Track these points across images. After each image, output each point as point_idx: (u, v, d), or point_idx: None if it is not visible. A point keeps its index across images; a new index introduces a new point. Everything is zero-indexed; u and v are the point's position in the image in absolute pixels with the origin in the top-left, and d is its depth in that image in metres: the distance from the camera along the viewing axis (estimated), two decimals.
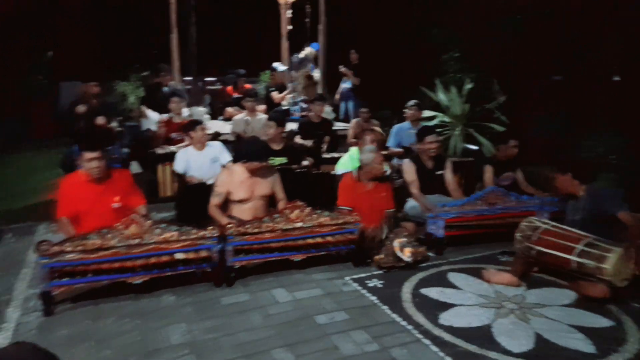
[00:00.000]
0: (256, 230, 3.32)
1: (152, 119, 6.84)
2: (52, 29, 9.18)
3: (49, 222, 4.59)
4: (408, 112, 6.11)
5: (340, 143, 6.94)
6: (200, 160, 4.78)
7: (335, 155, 6.08)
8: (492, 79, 7.94)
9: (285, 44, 9.32)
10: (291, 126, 7.04)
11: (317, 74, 8.35)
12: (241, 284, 3.36)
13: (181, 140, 5.76)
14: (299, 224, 3.45)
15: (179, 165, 4.73)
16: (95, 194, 3.44)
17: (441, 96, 7.67)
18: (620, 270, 3.05)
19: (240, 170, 3.80)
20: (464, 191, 4.77)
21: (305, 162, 5.32)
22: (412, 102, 6.17)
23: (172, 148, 5.46)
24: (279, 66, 8.30)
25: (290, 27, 8.82)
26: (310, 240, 3.49)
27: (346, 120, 8.33)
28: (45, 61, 8.99)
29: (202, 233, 3.14)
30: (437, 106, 7.32)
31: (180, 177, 4.74)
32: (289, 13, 8.69)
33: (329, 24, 7.55)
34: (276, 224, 3.38)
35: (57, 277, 2.84)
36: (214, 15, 6.78)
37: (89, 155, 3.29)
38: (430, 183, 4.70)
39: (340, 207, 3.86)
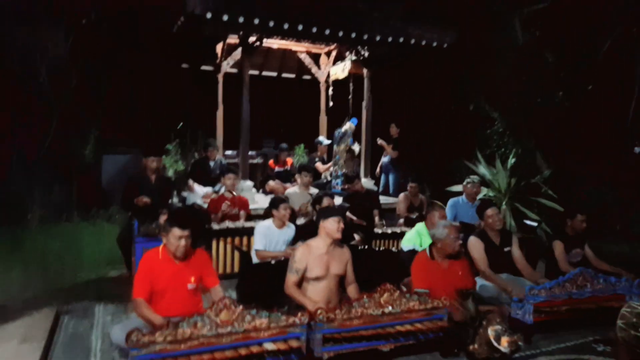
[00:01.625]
0: (346, 316, 3.10)
1: (198, 193, 6.85)
2: (100, 103, 9.54)
3: (106, 302, 4.41)
4: (467, 187, 6.01)
5: (386, 216, 6.83)
6: (278, 239, 4.66)
7: (387, 230, 5.94)
8: (535, 153, 7.93)
9: (324, 119, 9.54)
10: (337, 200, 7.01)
11: (356, 148, 8.43)
12: None
13: (235, 215, 5.71)
14: (388, 309, 3.23)
15: (259, 243, 4.57)
16: (172, 273, 3.29)
17: (484, 170, 7.64)
18: None
19: (318, 246, 3.65)
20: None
21: (356, 237, 5.18)
22: (472, 178, 6.08)
23: (228, 223, 5.37)
24: (324, 140, 8.41)
25: (332, 103, 9.07)
26: (399, 327, 3.24)
27: (385, 192, 8.28)
28: (93, 136, 9.25)
29: (292, 319, 2.93)
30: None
31: (243, 255, 4.58)
32: (330, 90, 8.97)
33: (373, 100, 7.71)
34: (366, 309, 3.16)
35: None
36: (257, 91, 6.97)
37: (179, 232, 3.17)
38: (498, 260, 4.49)
39: (417, 290, 3.64)
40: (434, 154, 9.23)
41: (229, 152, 8.98)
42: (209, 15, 5.69)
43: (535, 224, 5.95)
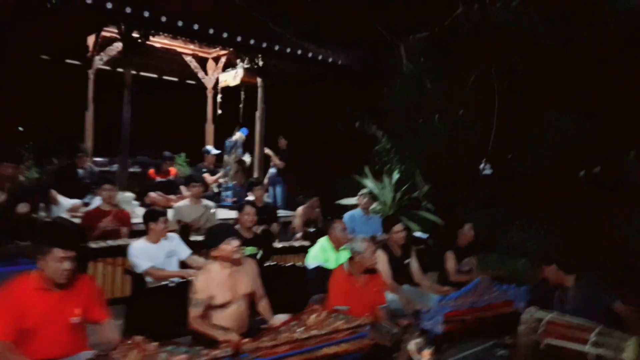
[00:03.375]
0: (272, 342, 2.78)
1: (63, 205, 5.84)
2: None
3: None
4: (361, 199, 6.13)
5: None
6: (154, 255, 4.09)
7: (286, 245, 5.74)
8: (415, 170, 8.50)
9: (210, 128, 9.02)
10: (225, 213, 6.59)
11: (247, 159, 8.12)
12: None
13: (115, 232, 4.95)
14: (315, 332, 3.00)
15: (145, 262, 3.94)
16: (48, 305, 2.64)
17: (371, 184, 7.95)
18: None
19: (218, 269, 3.28)
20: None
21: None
22: (365, 191, 6.25)
23: (109, 242, 4.61)
24: (212, 149, 7.91)
25: (220, 111, 8.61)
26: (326, 350, 3.02)
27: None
28: None
29: (213, 354, 2.52)
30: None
31: (134, 279, 3.94)
32: (219, 97, 8.51)
33: (266, 111, 7.50)
34: (292, 334, 2.89)
35: None
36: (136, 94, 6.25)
37: (62, 253, 2.55)
38: (400, 273, 4.61)
39: (339, 307, 3.49)
40: (322, 167, 9.35)
41: (98, 159, 7.91)
42: (89, 0, 4.92)
43: (425, 236, 6.31)
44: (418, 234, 6.45)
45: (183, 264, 4.35)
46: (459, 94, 8.07)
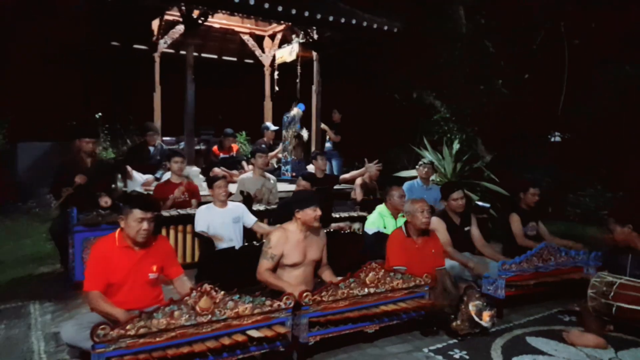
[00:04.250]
0: (332, 297, 2.89)
1: (137, 180, 6.27)
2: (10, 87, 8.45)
3: (41, 300, 3.84)
4: (420, 169, 6.06)
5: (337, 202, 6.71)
6: (222, 219, 4.35)
7: (345, 214, 5.80)
8: (477, 140, 8.21)
9: (269, 104, 9.21)
10: (285, 187, 6.76)
11: (305, 134, 8.22)
12: None
13: (186, 201, 5.27)
14: (373, 289, 3.07)
15: (200, 225, 4.23)
16: (131, 262, 2.89)
17: (430, 155, 7.78)
18: None
19: (295, 230, 3.40)
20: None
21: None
22: (423, 161, 6.14)
23: (180, 210, 4.93)
24: (270, 125, 8.09)
25: (277, 88, 8.76)
26: (383, 307, 3.10)
27: None
28: (5, 122, 8.16)
29: (277, 304, 2.67)
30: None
31: (203, 241, 4.21)
32: (276, 74, 8.66)
33: (322, 84, 7.53)
34: (351, 290, 2.98)
35: None
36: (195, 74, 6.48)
37: (141, 214, 2.78)
38: (459, 240, 4.53)
39: (396, 267, 3.53)
40: (379, 140, 9.29)
41: (166, 139, 8.35)
42: None
43: (488, 205, 6.13)
44: (480, 203, 6.27)
45: (248, 232, 4.58)
46: (524, 55, 7.64)
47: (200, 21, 6.43)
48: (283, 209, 4.59)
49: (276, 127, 8.10)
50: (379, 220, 4.75)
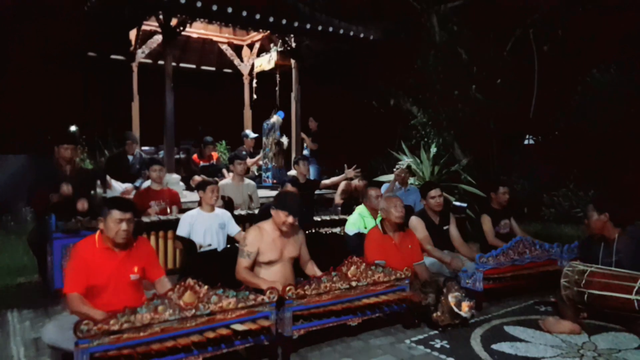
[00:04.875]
0: (315, 291, 2.94)
1: (117, 189, 6.20)
2: None
3: (19, 309, 3.78)
4: (398, 172, 6.19)
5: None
6: (207, 224, 4.34)
7: (326, 218, 5.87)
8: (453, 143, 8.41)
9: (248, 113, 9.27)
10: (266, 193, 6.80)
11: (285, 141, 8.30)
12: (298, 357, 2.89)
13: (164, 210, 5.25)
14: (355, 283, 3.13)
15: (183, 229, 4.23)
16: (112, 264, 2.88)
17: (408, 160, 7.94)
18: None
19: (270, 229, 3.45)
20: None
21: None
22: (401, 164, 6.28)
23: (161, 216, 4.92)
24: (250, 133, 8.14)
25: (255, 96, 8.84)
26: (365, 300, 3.16)
27: None
28: None
29: (260, 298, 2.70)
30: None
31: (185, 246, 4.20)
32: (254, 83, 8.73)
33: (301, 92, 7.63)
34: (334, 283, 3.03)
35: None
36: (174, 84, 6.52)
37: (120, 215, 2.78)
38: (438, 239, 4.63)
39: (375, 261, 3.60)
40: (358, 146, 9.42)
41: (145, 148, 8.31)
42: None
43: (465, 204, 6.27)
44: (457, 203, 6.42)
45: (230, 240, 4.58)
46: (495, 61, 7.90)
47: (178, 30, 6.48)
48: (264, 214, 4.62)
49: (256, 135, 8.16)
50: (359, 220, 4.82)
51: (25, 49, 7.78)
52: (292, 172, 6.91)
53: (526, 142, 9.15)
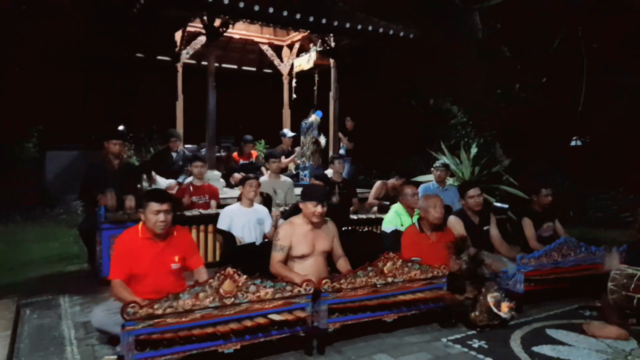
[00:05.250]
0: (351, 285, 2.96)
1: (161, 184, 6.44)
2: (43, 97, 8.82)
3: (70, 294, 3.99)
4: (435, 172, 6.11)
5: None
6: (246, 218, 4.45)
7: (362, 216, 5.87)
8: (495, 144, 8.21)
9: (287, 112, 9.38)
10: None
11: (322, 140, 8.34)
12: (333, 351, 2.92)
13: (205, 204, 5.41)
14: (391, 279, 3.13)
15: (223, 223, 4.35)
16: (153, 253, 3.01)
17: (448, 160, 7.79)
18: None
19: (301, 223, 3.50)
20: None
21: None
22: (439, 163, 6.19)
23: (201, 210, 5.08)
24: (287, 132, 8.24)
25: (295, 95, 8.94)
26: (401, 297, 3.15)
27: None
28: (35, 130, 8.52)
29: (297, 289, 2.75)
30: None
31: (225, 239, 4.32)
32: (294, 82, 8.84)
33: (339, 91, 7.66)
34: (370, 279, 3.04)
35: (140, 349, 2.32)
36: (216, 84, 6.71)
37: (157, 206, 2.90)
38: (477, 239, 4.51)
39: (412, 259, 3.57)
40: (395, 146, 9.35)
41: (188, 146, 8.57)
42: None
43: (506, 205, 6.11)
44: (498, 204, 6.26)
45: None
46: (541, 59, 7.66)
47: (221, 30, 6.66)
48: (294, 211, 4.68)
49: (293, 134, 8.25)
50: (395, 218, 4.79)
51: (66, 47, 8.17)
52: (329, 171, 6.96)
53: (573, 143, 8.81)
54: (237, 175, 7.16)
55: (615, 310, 3.40)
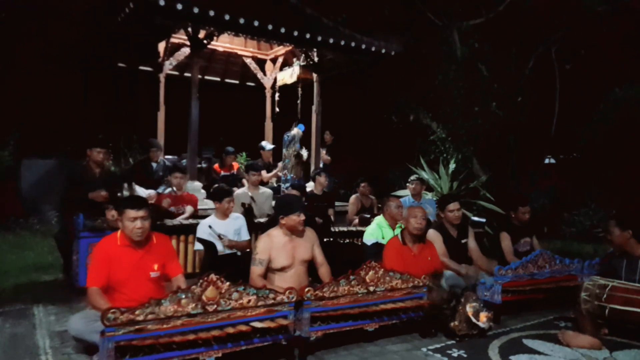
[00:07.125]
0: (333, 293, 2.98)
1: (141, 195, 6.38)
2: (20, 105, 8.67)
3: (45, 304, 3.90)
4: (410, 186, 6.23)
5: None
6: (223, 229, 4.42)
7: (343, 229, 5.91)
8: (472, 159, 8.40)
9: (269, 125, 9.42)
10: None
11: (305, 153, 8.39)
12: (316, 359, 2.92)
13: (181, 213, 5.39)
14: (372, 288, 3.16)
15: (202, 232, 4.32)
16: (132, 261, 2.98)
17: (427, 175, 7.94)
18: None
19: (279, 234, 3.50)
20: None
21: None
22: (414, 177, 6.31)
23: (182, 220, 5.04)
24: (266, 145, 8.26)
25: (278, 109, 9.00)
26: (383, 306, 3.17)
27: None
28: (12, 138, 8.34)
29: (280, 297, 2.75)
30: None
31: (206, 248, 4.28)
32: (277, 96, 8.90)
33: (322, 105, 7.75)
34: (352, 287, 3.07)
35: (120, 355, 2.28)
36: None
37: (133, 213, 2.89)
38: (456, 252, 4.60)
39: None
40: (375, 161, 9.46)
41: (169, 157, 8.50)
42: (162, 2, 5.43)
43: (483, 219, 6.24)
44: (475, 218, 6.39)
45: None
46: (516, 78, 7.92)
47: (205, 42, 6.69)
48: (272, 223, 4.68)
49: (272, 146, 8.27)
50: (376, 231, 4.84)
51: (46, 53, 8.09)
52: (310, 184, 7.00)
53: (547, 161, 9.08)
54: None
55: (588, 320, 3.49)
